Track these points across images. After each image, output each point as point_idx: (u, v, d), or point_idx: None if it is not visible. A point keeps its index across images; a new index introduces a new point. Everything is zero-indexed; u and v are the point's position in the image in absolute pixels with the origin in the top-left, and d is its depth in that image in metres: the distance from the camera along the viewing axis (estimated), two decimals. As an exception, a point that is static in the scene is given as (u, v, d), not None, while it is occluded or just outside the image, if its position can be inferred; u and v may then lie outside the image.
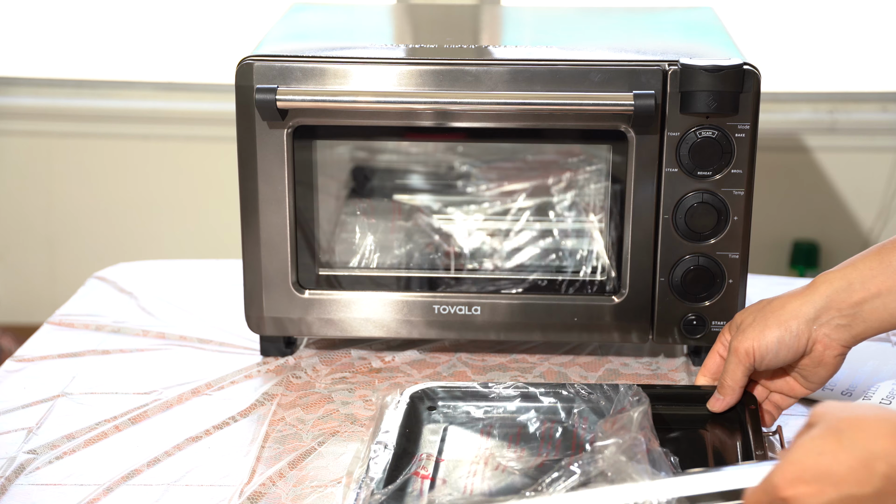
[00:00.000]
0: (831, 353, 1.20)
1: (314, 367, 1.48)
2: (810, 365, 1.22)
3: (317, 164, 1.43)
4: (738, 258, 1.40)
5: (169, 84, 3.08)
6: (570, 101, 1.35)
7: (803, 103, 3.03)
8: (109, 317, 1.61)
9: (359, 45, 1.46)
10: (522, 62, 1.37)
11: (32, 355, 1.50)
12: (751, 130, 1.36)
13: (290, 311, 1.45)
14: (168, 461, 1.26)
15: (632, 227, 1.40)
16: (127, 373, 1.46)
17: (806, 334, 1.20)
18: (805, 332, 1.20)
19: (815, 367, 1.22)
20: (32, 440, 1.29)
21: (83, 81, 3.08)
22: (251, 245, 1.43)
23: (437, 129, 1.42)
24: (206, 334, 1.56)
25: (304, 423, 1.34)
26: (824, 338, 1.20)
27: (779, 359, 1.21)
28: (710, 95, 1.34)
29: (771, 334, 1.20)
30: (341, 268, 1.49)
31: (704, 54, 1.38)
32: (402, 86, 1.37)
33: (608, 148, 1.40)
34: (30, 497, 1.19)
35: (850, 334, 1.19)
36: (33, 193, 3.11)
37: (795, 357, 1.21)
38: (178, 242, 3.11)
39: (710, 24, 1.59)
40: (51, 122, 3.06)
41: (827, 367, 1.22)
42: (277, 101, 1.35)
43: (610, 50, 1.45)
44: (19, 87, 3.09)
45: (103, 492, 1.20)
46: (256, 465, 1.26)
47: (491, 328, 1.45)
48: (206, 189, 3.08)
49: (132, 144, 3.07)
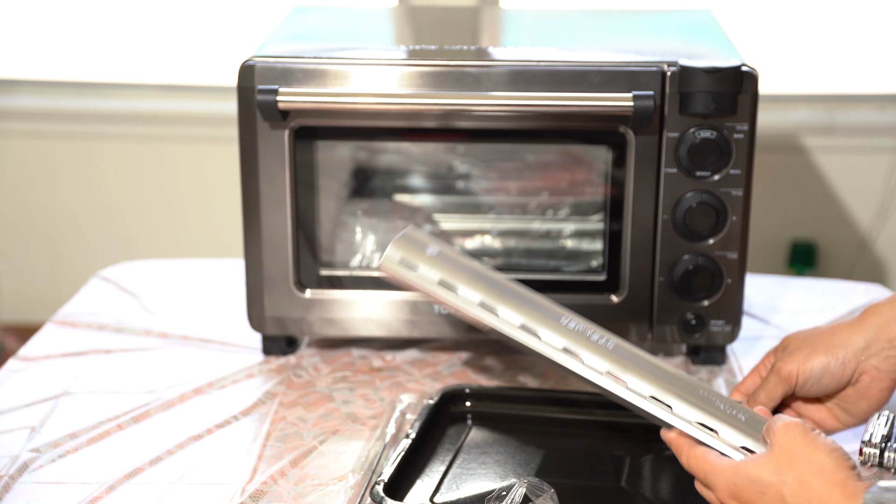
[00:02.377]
0: (878, 385, 1.19)
1: (315, 367, 1.48)
2: (854, 397, 1.21)
3: (318, 165, 1.44)
4: (736, 258, 1.40)
5: (171, 86, 3.09)
6: (570, 102, 1.36)
7: (801, 104, 3.04)
8: (112, 316, 1.61)
9: (360, 47, 1.47)
10: (522, 63, 1.37)
11: (35, 354, 1.50)
12: (749, 131, 1.36)
13: (291, 310, 1.46)
14: (170, 459, 1.27)
15: (631, 226, 1.41)
16: (129, 372, 1.47)
17: (853, 364, 1.19)
18: (853, 362, 1.19)
19: (859, 399, 1.21)
20: (35, 439, 1.30)
21: (86, 83, 3.09)
22: (253, 245, 1.44)
23: (438, 130, 1.42)
24: (208, 333, 1.56)
25: (305, 421, 1.35)
26: (872, 369, 1.19)
27: (821, 386, 1.20)
28: (708, 96, 1.34)
29: (818, 360, 1.19)
30: (342, 267, 1.50)
31: (703, 56, 1.39)
32: (402, 87, 1.38)
33: (607, 148, 1.41)
34: (33, 495, 1.20)
35: None
36: (36, 194, 3.11)
37: (838, 386, 1.20)
38: (179, 242, 3.12)
39: (708, 26, 1.60)
40: (54, 123, 3.07)
41: (870, 400, 1.21)
42: (278, 102, 1.36)
43: (609, 51, 1.46)
44: (23, 89, 3.10)
45: (106, 490, 1.21)
46: (258, 464, 1.26)
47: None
48: (208, 189, 3.09)
49: (135, 145, 3.08)
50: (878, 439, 1.22)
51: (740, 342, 1.52)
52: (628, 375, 1.12)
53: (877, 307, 1.20)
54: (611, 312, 1.44)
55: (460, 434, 1.30)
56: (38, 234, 3.14)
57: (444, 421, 1.32)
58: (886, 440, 1.22)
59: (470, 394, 1.35)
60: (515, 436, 1.30)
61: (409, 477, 1.21)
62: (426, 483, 1.20)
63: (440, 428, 1.30)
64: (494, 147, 1.55)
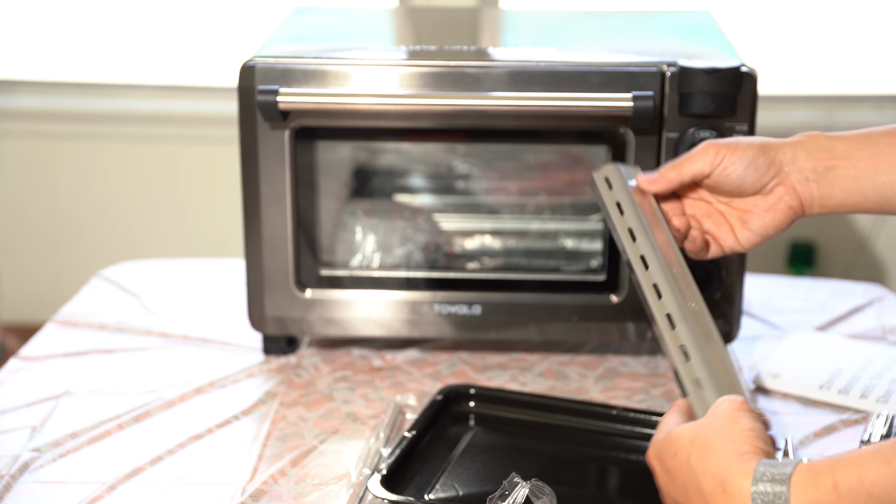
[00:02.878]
0: (787, 202, 1.17)
1: (316, 366, 1.49)
2: (760, 208, 1.19)
3: (318, 165, 1.44)
4: (735, 258, 1.41)
5: (172, 86, 3.09)
6: (570, 103, 1.36)
7: (800, 104, 3.04)
8: (113, 316, 1.62)
9: (360, 48, 1.47)
10: (522, 64, 1.38)
11: (37, 354, 1.51)
12: (748, 131, 1.37)
13: (291, 310, 1.46)
14: (171, 459, 1.27)
15: (630, 227, 1.41)
16: (130, 371, 1.47)
17: (775, 170, 1.17)
18: (776, 167, 1.17)
19: (764, 212, 1.18)
20: (36, 438, 1.30)
21: (88, 84, 3.09)
22: (253, 245, 1.44)
23: (438, 130, 1.43)
24: (209, 333, 1.57)
25: (305, 421, 1.35)
26: (790, 184, 1.17)
27: (739, 177, 1.17)
28: (708, 97, 1.35)
29: (749, 150, 1.17)
30: (342, 267, 1.50)
31: (702, 56, 1.39)
32: (402, 87, 1.38)
33: (607, 149, 1.41)
34: (34, 494, 1.20)
35: (813, 194, 1.17)
36: (38, 194, 3.12)
37: (754, 187, 1.18)
38: (180, 242, 3.12)
39: (708, 28, 1.60)
40: (55, 123, 3.07)
41: (776, 215, 1.18)
42: (279, 103, 1.36)
43: (609, 52, 1.46)
44: (25, 90, 3.10)
45: (107, 489, 1.21)
46: (258, 463, 1.26)
47: (490, 327, 1.46)
48: (209, 189, 3.09)
49: (136, 145, 3.08)
50: (878, 439, 1.23)
51: (740, 342, 1.52)
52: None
53: (816, 135, 1.19)
54: (610, 312, 1.44)
55: (461, 434, 1.31)
56: (39, 234, 3.15)
57: (446, 420, 1.32)
58: (885, 439, 1.23)
59: (474, 394, 1.36)
60: (516, 440, 1.30)
61: (407, 471, 1.21)
62: (424, 478, 1.21)
63: (442, 426, 1.31)
64: (494, 147, 1.55)
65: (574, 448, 1.29)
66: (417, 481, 1.20)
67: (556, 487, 1.10)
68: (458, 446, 1.28)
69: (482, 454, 1.26)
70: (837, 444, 1.29)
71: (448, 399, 1.34)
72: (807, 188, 1.17)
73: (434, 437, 1.28)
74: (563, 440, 1.30)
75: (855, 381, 1.41)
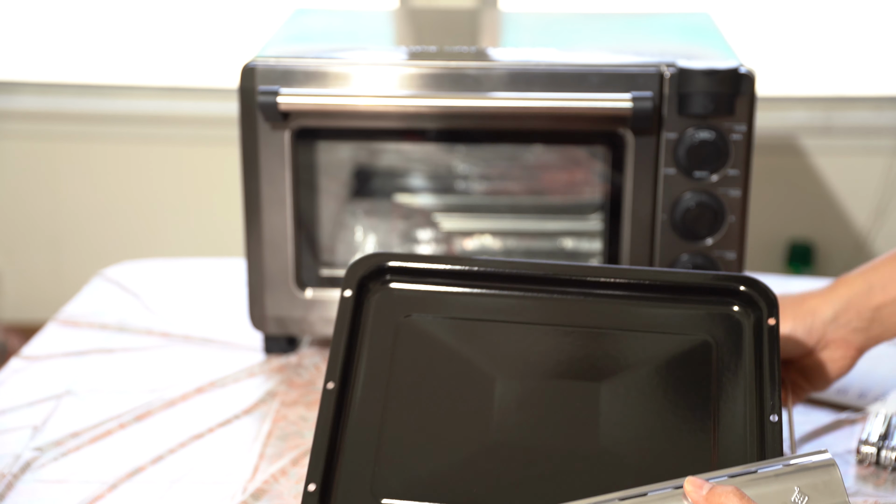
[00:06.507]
0: (843, 354, 1.20)
1: (316, 366, 1.49)
2: (816, 365, 1.21)
3: (318, 165, 1.44)
4: (734, 258, 1.41)
5: (173, 88, 3.09)
6: (569, 103, 1.36)
7: (799, 105, 3.05)
8: (114, 315, 1.62)
9: (360, 48, 1.48)
10: (521, 65, 1.38)
11: (38, 354, 1.51)
12: (747, 132, 1.37)
13: (292, 309, 1.46)
14: (172, 458, 1.28)
15: (630, 227, 1.41)
16: (131, 371, 1.47)
17: (819, 333, 1.19)
18: (819, 331, 1.19)
19: (821, 367, 1.21)
20: (38, 437, 1.31)
21: (89, 85, 3.09)
22: (254, 245, 1.44)
23: (438, 131, 1.43)
24: (210, 333, 1.57)
25: (306, 420, 1.36)
26: (840, 340, 1.19)
27: (784, 350, 1.20)
28: (707, 97, 1.35)
29: (785, 325, 1.19)
30: (343, 267, 1.50)
31: (701, 57, 1.40)
32: (402, 88, 1.38)
33: (606, 149, 1.41)
34: (35, 494, 1.21)
35: (866, 336, 1.19)
36: (39, 194, 3.12)
37: (800, 353, 1.21)
38: (181, 242, 3.12)
39: (707, 29, 1.60)
40: (57, 124, 3.08)
41: (833, 367, 1.21)
42: (279, 103, 1.37)
43: (608, 53, 1.46)
44: (26, 91, 3.10)
45: (108, 489, 1.21)
46: (259, 463, 1.27)
47: (490, 327, 1.46)
48: (210, 190, 3.09)
49: (137, 146, 3.08)
50: (876, 438, 1.23)
51: (738, 342, 1.52)
52: None
53: (847, 279, 1.21)
54: (609, 312, 1.44)
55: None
56: (40, 234, 3.15)
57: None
58: (883, 439, 1.23)
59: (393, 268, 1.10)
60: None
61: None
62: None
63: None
64: (494, 148, 1.55)
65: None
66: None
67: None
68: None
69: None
70: (836, 442, 1.29)
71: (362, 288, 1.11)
72: (857, 336, 1.19)
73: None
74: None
75: (853, 380, 1.41)
